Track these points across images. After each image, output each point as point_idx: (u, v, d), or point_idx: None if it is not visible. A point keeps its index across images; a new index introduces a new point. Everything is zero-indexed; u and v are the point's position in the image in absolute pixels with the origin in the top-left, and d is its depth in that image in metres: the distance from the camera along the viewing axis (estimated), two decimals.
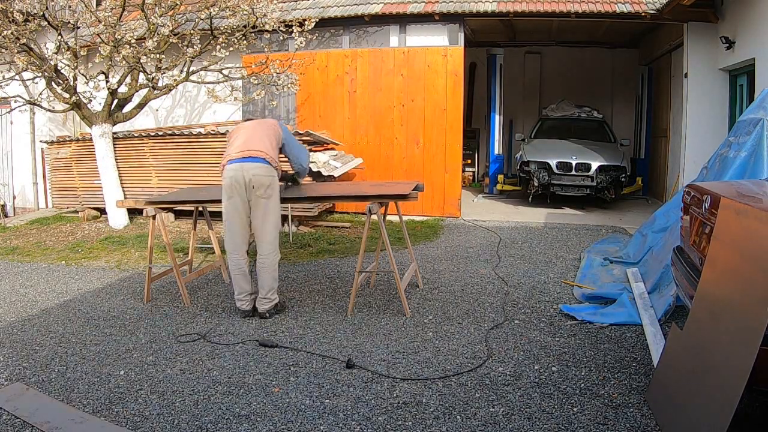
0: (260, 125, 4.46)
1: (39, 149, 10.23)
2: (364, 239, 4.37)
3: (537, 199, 9.69)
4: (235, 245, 4.27)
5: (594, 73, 12.64)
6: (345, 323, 4.23)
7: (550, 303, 4.64)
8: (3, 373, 3.46)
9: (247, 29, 7.79)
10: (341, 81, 9.02)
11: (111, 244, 7.08)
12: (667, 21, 8.07)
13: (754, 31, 6.57)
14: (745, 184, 3.76)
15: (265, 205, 4.22)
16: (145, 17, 7.39)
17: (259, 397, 3.11)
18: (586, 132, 10.62)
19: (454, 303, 4.66)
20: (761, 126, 4.49)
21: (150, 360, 3.62)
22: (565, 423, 2.79)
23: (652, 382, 3.03)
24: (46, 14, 7.13)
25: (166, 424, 2.85)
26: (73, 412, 2.96)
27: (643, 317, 4.09)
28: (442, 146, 8.72)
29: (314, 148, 7.96)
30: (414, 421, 2.83)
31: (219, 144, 7.93)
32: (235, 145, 4.30)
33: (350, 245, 6.83)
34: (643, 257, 5.49)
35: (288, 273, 5.67)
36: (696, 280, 2.93)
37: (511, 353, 3.65)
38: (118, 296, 5.00)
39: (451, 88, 8.62)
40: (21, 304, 4.82)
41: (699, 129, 8.00)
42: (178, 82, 7.87)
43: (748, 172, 4.42)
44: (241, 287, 4.31)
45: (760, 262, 2.30)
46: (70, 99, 7.65)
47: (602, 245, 6.59)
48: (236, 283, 4.33)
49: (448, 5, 8.48)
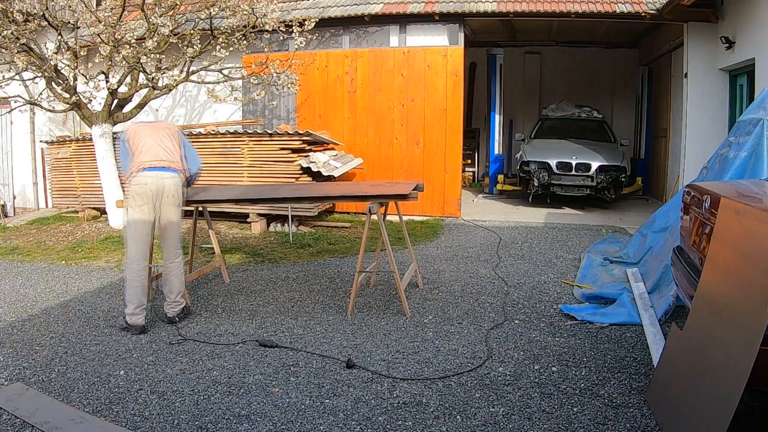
0: (165, 130, 4.35)
1: (39, 149, 10.24)
2: (364, 239, 4.37)
3: (537, 199, 9.68)
4: (140, 253, 4.12)
5: (594, 73, 12.64)
6: (345, 323, 4.23)
7: (550, 303, 4.64)
8: (3, 373, 3.46)
9: (247, 29, 7.79)
10: (341, 81, 9.02)
11: (111, 244, 7.08)
12: (667, 21, 8.07)
13: (754, 31, 6.57)
14: (745, 184, 3.76)
15: (175, 211, 4.24)
16: (145, 17, 7.39)
17: (259, 397, 3.11)
18: (586, 132, 10.62)
19: (454, 303, 4.66)
20: (761, 126, 4.49)
21: (150, 360, 3.62)
22: (565, 423, 2.79)
23: (652, 382, 3.03)
24: (46, 14, 7.13)
25: (166, 424, 2.85)
26: (73, 412, 2.96)
27: (643, 317, 4.09)
28: (442, 146, 8.72)
29: (314, 148, 7.96)
30: (414, 421, 2.83)
31: (219, 144, 7.94)
32: (145, 152, 4.18)
33: (350, 245, 6.83)
34: (643, 257, 5.50)
35: (288, 273, 5.67)
36: (696, 280, 2.93)
37: (511, 353, 3.65)
38: (118, 296, 5.00)
39: (451, 88, 8.62)
40: (21, 304, 4.82)
41: (699, 129, 8.00)
42: (178, 82, 7.87)
43: (748, 172, 4.42)
44: (140, 300, 4.07)
45: (760, 262, 2.30)
46: (70, 99, 7.65)
47: (602, 245, 6.59)
48: (134, 297, 4.06)
49: (448, 5, 8.48)
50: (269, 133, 7.72)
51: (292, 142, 7.56)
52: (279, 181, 7.58)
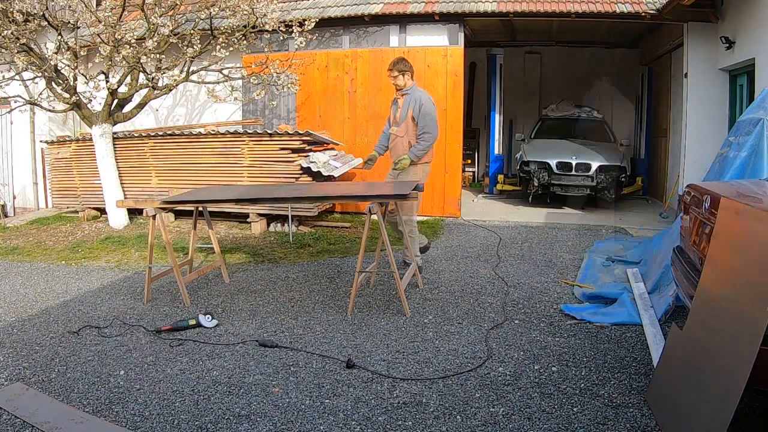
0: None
1: (39, 149, 10.23)
2: (364, 239, 4.37)
3: (537, 199, 9.68)
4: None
5: (594, 73, 12.63)
6: (345, 323, 4.23)
7: (550, 303, 4.64)
8: (3, 373, 3.46)
9: (247, 29, 7.79)
10: (341, 81, 9.01)
11: (111, 244, 7.08)
12: (667, 21, 8.07)
13: (754, 31, 6.57)
14: (745, 184, 3.76)
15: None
16: (145, 17, 7.39)
17: (259, 397, 3.11)
18: (586, 132, 10.62)
19: (454, 303, 4.66)
20: (761, 126, 4.49)
21: (150, 360, 3.62)
22: (565, 423, 2.79)
23: (652, 382, 3.03)
24: (46, 14, 7.13)
25: (166, 424, 2.85)
26: (73, 412, 2.96)
27: (643, 317, 4.09)
28: (442, 146, 8.70)
29: (314, 148, 7.96)
30: (414, 421, 2.83)
31: (219, 144, 7.94)
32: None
33: (350, 245, 6.83)
34: (644, 257, 5.49)
35: (288, 273, 5.67)
36: (696, 280, 2.93)
37: (511, 353, 3.65)
38: (118, 296, 5.00)
39: (451, 88, 8.62)
40: (21, 304, 4.82)
41: (699, 129, 7.99)
42: (178, 82, 7.87)
43: (748, 172, 4.42)
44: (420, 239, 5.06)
45: (760, 262, 2.30)
46: (70, 99, 7.65)
47: (605, 244, 6.57)
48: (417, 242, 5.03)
49: (448, 5, 8.48)
50: (269, 133, 7.71)
51: (292, 142, 7.56)
52: (279, 181, 7.57)
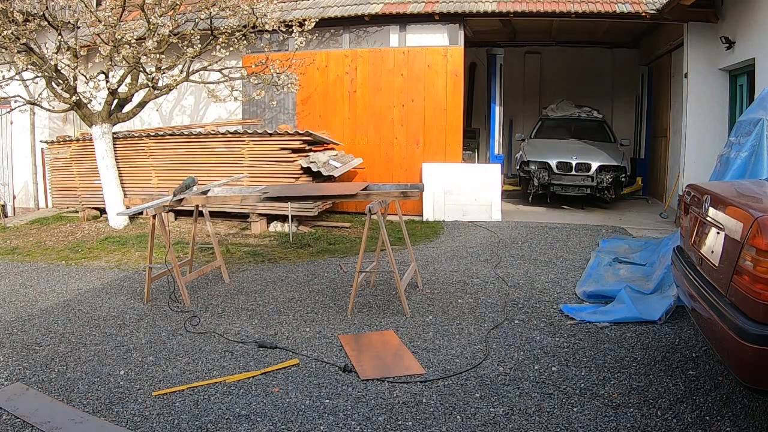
0: None
1: (39, 149, 10.23)
2: (364, 239, 4.37)
3: (537, 199, 9.68)
4: None
5: (594, 73, 12.63)
6: (345, 323, 4.23)
7: (550, 303, 4.64)
8: (3, 373, 3.46)
9: (247, 29, 7.79)
10: (341, 81, 9.01)
11: (111, 244, 7.08)
12: (667, 21, 8.07)
13: (754, 31, 6.57)
14: (745, 184, 3.76)
15: None
16: (145, 17, 7.39)
17: (259, 397, 3.11)
18: (586, 132, 10.61)
19: (454, 303, 4.66)
20: (761, 126, 4.48)
21: (150, 360, 3.62)
22: (565, 423, 2.79)
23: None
24: (46, 14, 7.13)
25: (166, 424, 2.85)
26: (73, 412, 2.96)
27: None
28: (442, 146, 8.72)
29: (314, 148, 7.96)
30: (414, 421, 2.83)
31: (219, 144, 7.94)
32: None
33: (350, 245, 6.83)
34: (650, 259, 5.46)
35: (288, 273, 5.67)
36: (696, 280, 2.92)
37: (511, 353, 3.65)
38: (118, 296, 5.00)
39: (451, 88, 8.62)
40: (21, 304, 4.82)
41: (699, 129, 7.99)
42: (178, 82, 7.87)
43: (749, 172, 4.42)
44: None
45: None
46: (70, 99, 7.65)
47: (611, 244, 6.50)
48: None
49: (448, 5, 8.48)
50: (269, 133, 7.72)
51: (292, 142, 7.56)
52: (279, 181, 7.58)
